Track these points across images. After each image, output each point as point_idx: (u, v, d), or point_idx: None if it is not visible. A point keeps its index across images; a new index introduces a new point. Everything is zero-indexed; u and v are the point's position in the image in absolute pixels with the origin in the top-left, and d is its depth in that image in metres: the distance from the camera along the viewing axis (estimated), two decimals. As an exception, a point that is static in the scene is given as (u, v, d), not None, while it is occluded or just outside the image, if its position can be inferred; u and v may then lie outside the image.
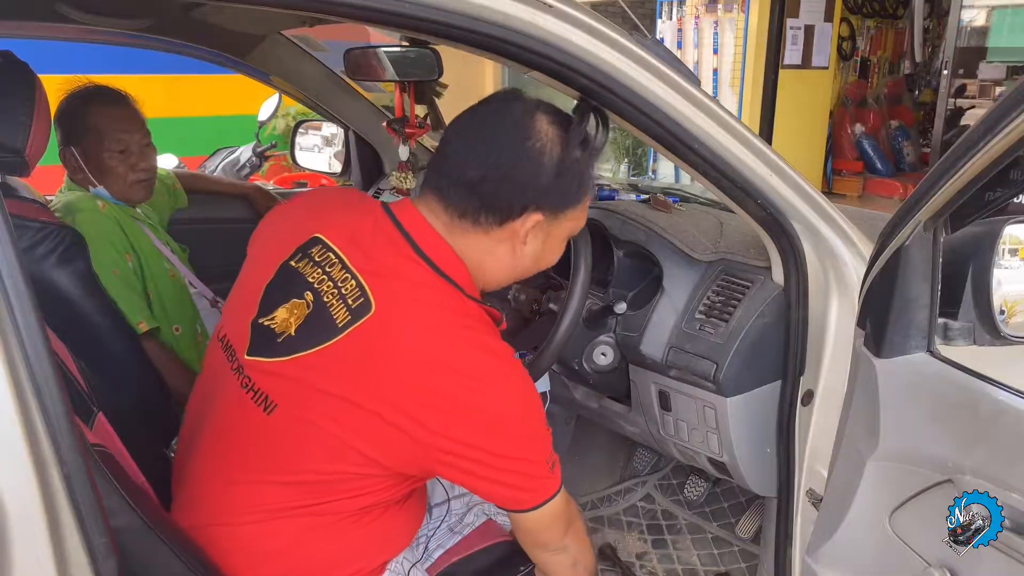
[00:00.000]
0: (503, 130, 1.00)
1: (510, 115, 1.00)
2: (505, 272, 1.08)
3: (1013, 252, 1.02)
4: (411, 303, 0.98)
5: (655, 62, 1.06)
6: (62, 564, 0.70)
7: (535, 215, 1.02)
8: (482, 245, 1.03)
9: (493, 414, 0.96)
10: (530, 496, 1.02)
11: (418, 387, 0.94)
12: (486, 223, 1.01)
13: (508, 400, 0.97)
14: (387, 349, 0.95)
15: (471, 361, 0.96)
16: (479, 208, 1.00)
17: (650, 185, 2.12)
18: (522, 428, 0.99)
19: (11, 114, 1.31)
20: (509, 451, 0.98)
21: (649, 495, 2.23)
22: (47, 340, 0.70)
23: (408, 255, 1.00)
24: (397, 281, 0.99)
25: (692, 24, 5.71)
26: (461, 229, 1.02)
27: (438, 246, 1.01)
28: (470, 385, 0.95)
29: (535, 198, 1.01)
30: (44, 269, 1.39)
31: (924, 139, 6.89)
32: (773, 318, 1.33)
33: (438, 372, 0.94)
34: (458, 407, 0.94)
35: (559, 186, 1.01)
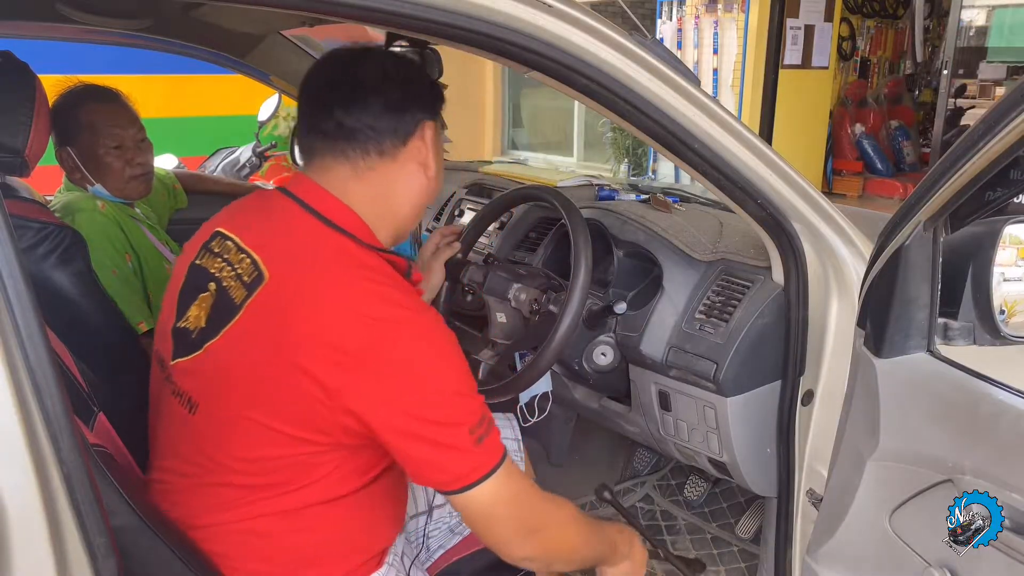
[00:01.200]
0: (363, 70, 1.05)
1: (344, 56, 1.06)
2: (421, 195, 1.09)
3: (1013, 252, 1.02)
4: (303, 263, 0.97)
5: (655, 62, 1.06)
6: (62, 564, 0.70)
7: (427, 123, 1.06)
8: (391, 177, 1.05)
9: (394, 367, 0.90)
10: (448, 472, 0.93)
11: (316, 344, 0.90)
12: (393, 148, 1.04)
13: (409, 351, 0.91)
14: (283, 312, 0.93)
15: (369, 311, 0.92)
16: (385, 138, 1.03)
17: (650, 185, 2.12)
18: (429, 384, 0.92)
19: (11, 114, 1.31)
20: (416, 411, 0.91)
21: (648, 495, 2.23)
22: (47, 340, 0.70)
23: (297, 214, 1.01)
24: (288, 245, 1.00)
25: (692, 24, 5.70)
26: (367, 170, 1.04)
27: (325, 200, 1.02)
28: (368, 336, 0.90)
29: (419, 109, 1.05)
30: (44, 269, 1.39)
31: (924, 139, 6.89)
32: (773, 318, 1.33)
33: (335, 326, 0.90)
34: (357, 362, 0.90)
35: (427, 89, 1.08)
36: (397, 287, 0.97)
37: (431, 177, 1.09)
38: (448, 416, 0.92)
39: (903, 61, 6.92)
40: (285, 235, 1.01)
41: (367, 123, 1.02)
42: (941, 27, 6.70)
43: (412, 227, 1.15)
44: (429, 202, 1.14)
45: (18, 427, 0.67)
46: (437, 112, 1.10)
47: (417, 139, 1.06)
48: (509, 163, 4.73)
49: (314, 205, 1.01)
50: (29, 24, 1.70)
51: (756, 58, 5.40)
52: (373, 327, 0.91)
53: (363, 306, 0.92)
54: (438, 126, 1.09)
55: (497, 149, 8.04)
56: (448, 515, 1.33)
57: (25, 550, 0.68)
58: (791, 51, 5.51)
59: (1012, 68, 7.00)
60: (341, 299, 0.92)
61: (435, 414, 0.91)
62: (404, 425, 0.91)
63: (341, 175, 1.04)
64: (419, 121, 1.05)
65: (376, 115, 1.02)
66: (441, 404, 0.92)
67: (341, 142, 1.03)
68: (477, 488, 0.93)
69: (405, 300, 0.95)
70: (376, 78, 1.04)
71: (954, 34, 6.04)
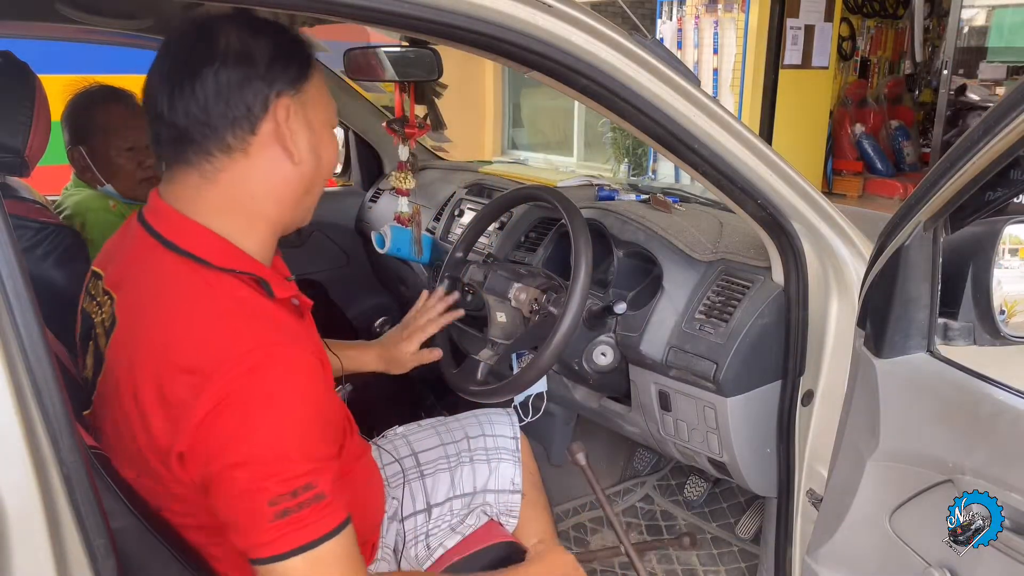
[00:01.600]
0: (186, 50, 0.89)
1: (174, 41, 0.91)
2: (294, 187, 0.95)
3: (1013, 252, 1.01)
4: (145, 303, 0.88)
5: (655, 62, 1.06)
6: (62, 564, 0.70)
7: (280, 101, 0.90)
8: (248, 174, 0.90)
9: (213, 417, 0.79)
10: (241, 538, 0.81)
11: (151, 396, 0.82)
12: (241, 141, 0.89)
13: (230, 399, 0.79)
14: (128, 359, 0.86)
15: (198, 358, 0.81)
16: (223, 131, 0.88)
17: (650, 185, 2.12)
18: (241, 438, 0.79)
19: (11, 114, 1.31)
20: (221, 464, 0.79)
21: (648, 496, 2.23)
22: (47, 340, 0.70)
23: (146, 243, 0.91)
24: (135, 282, 0.91)
25: (692, 24, 5.70)
26: (216, 172, 0.90)
27: (171, 220, 0.90)
28: (193, 386, 0.80)
29: (264, 85, 0.89)
30: (44, 269, 1.39)
31: (924, 139, 6.89)
32: (773, 318, 1.33)
33: (165, 374, 0.82)
34: (179, 410, 0.81)
35: (279, 55, 0.90)
36: (244, 316, 0.86)
37: (301, 162, 0.93)
38: (250, 477, 0.79)
39: (903, 61, 6.92)
40: (134, 270, 0.91)
41: (196, 117, 0.87)
42: (941, 27, 6.70)
43: (298, 222, 1.01)
44: (314, 190, 0.99)
45: (18, 427, 0.67)
46: (298, 79, 0.91)
47: (270, 122, 0.89)
48: (509, 163, 4.73)
49: (160, 230, 0.90)
50: (29, 24, 1.70)
51: (756, 58, 5.40)
52: (197, 371, 0.80)
53: (190, 348, 0.82)
54: (305, 96, 0.92)
55: (497, 149, 8.05)
56: (448, 514, 1.33)
57: (25, 550, 0.68)
58: (791, 51, 5.51)
59: (1012, 68, 7.00)
60: (170, 343, 0.83)
61: (238, 471, 0.79)
62: (211, 475, 0.81)
63: (189, 185, 0.91)
64: (267, 98, 0.89)
65: (204, 105, 0.87)
66: (248, 460, 0.79)
67: (179, 146, 0.89)
68: (272, 566, 0.80)
69: (243, 334, 0.83)
70: (200, 58, 0.87)
71: (954, 34, 6.04)
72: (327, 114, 0.98)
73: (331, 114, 1.00)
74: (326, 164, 0.99)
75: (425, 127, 1.97)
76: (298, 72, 0.92)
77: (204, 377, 0.80)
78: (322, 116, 0.97)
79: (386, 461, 1.37)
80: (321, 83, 0.97)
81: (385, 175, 2.54)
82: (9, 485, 0.67)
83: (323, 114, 0.97)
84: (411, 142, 1.95)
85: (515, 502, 1.39)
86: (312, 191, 0.99)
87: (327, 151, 0.98)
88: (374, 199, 2.51)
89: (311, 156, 0.95)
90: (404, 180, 1.96)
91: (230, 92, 0.87)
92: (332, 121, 1.00)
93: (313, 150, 0.95)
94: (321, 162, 0.97)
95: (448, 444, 1.41)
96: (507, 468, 1.40)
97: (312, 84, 0.94)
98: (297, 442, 0.81)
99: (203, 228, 0.90)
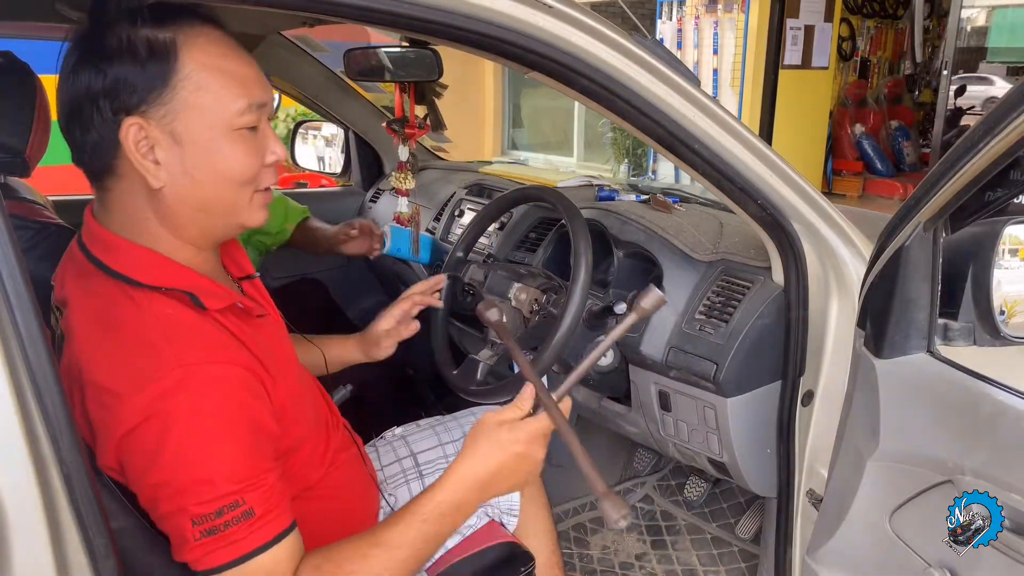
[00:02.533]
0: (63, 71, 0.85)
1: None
2: (175, 209, 0.87)
3: (1013, 252, 1.02)
4: (81, 330, 0.86)
5: (655, 63, 1.06)
6: (62, 564, 0.70)
7: (127, 122, 0.82)
8: (129, 198, 0.87)
9: (134, 438, 0.79)
10: (179, 553, 0.81)
11: (78, 412, 0.83)
12: (108, 165, 0.85)
13: (150, 420, 0.78)
14: (67, 375, 0.84)
15: (118, 373, 0.81)
16: (89, 155, 0.85)
17: (650, 185, 2.12)
18: (161, 459, 0.79)
19: (11, 114, 1.31)
20: (149, 484, 0.80)
21: (648, 496, 2.23)
22: (47, 341, 0.70)
23: (85, 269, 0.89)
24: (76, 303, 0.89)
25: (692, 24, 5.71)
26: (106, 193, 0.88)
27: (103, 239, 0.88)
28: (104, 402, 0.80)
29: (107, 104, 0.82)
30: (44, 270, 1.39)
31: (924, 139, 6.90)
32: (773, 318, 1.33)
33: (86, 392, 0.82)
34: (96, 427, 0.82)
35: (121, 72, 0.82)
36: (165, 337, 0.82)
37: (170, 187, 0.85)
38: (172, 496, 0.79)
39: (903, 61, 6.93)
40: (74, 289, 0.90)
41: (71, 141, 0.86)
42: (941, 27, 6.71)
43: (221, 237, 0.95)
44: (216, 207, 0.90)
45: (18, 427, 0.67)
46: (149, 93, 0.82)
47: (123, 146, 0.83)
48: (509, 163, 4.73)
49: (94, 251, 0.88)
50: (29, 24, 1.70)
51: (756, 58, 5.41)
52: (114, 393, 0.80)
53: (113, 371, 0.81)
54: (167, 108, 0.83)
55: (497, 149, 8.05)
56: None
57: (25, 550, 0.68)
58: (791, 51, 5.52)
59: (1012, 68, 7.01)
60: (97, 367, 0.82)
61: (159, 494, 0.80)
62: (139, 492, 0.82)
63: (102, 204, 0.90)
64: (117, 120, 0.82)
65: (67, 128, 0.85)
66: (168, 481, 0.79)
67: (80, 167, 0.88)
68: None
69: (161, 356, 0.80)
70: (65, 81, 0.84)
71: (954, 34, 6.05)
72: (216, 118, 0.86)
73: (227, 113, 0.86)
74: (220, 178, 0.88)
75: (425, 127, 1.97)
76: (150, 81, 0.82)
77: (118, 398, 0.79)
78: (204, 124, 0.85)
79: (385, 462, 1.37)
80: (206, 81, 0.85)
81: (385, 175, 2.54)
82: (9, 485, 0.67)
83: (207, 120, 0.85)
84: (411, 142, 1.94)
85: (514, 502, 1.38)
86: (210, 208, 0.89)
87: (220, 162, 0.87)
88: (374, 199, 2.51)
89: (183, 176, 0.85)
90: (404, 180, 1.96)
91: (82, 117, 0.83)
92: (229, 121, 0.86)
93: (188, 171, 0.85)
94: (205, 180, 0.87)
95: (447, 444, 1.41)
96: (507, 467, 1.39)
97: (182, 89, 0.84)
98: (220, 463, 0.80)
99: (132, 244, 0.87)
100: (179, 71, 0.84)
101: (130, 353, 0.81)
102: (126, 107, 0.82)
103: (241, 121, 0.87)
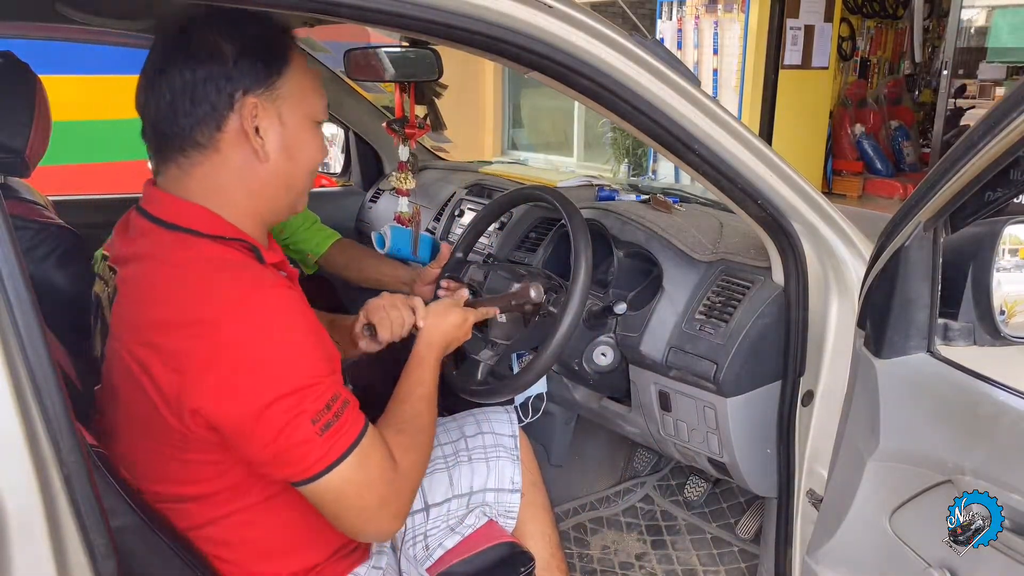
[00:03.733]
0: (161, 48, 0.93)
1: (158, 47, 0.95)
2: (267, 183, 0.97)
3: (1013, 252, 1.02)
4: (143, 274, 0.94)
5: (655, 63, 1.06)
6: (62, 564, 0.70)
7: (246, 100, 0.92)
8: (220, 170, 0.94)
9: (224, 359, 0.85)
10: (293, 466, 0.88)
11: (149, 347, 0.87)
12: (209, 138, 0.92)
13: (240, 338, 0.85)
14: (125, 325, 0.92)
15: (196, 304, 0.87)
16: (190, 128, 0.92)
17: (650, 185, 2.12)
18: (265, 374, 0.85)
19: (11, 115, 1.31)
20: (254, 402, 0.85)
21: (648, 496, 2.23)
22: (47, 341, 0.70)
23: (145, 228, 0.95)
24: (139, 256, 0.96)
25: (692, 24, 5.71)
26: (192, 167, 0.94)
27: (168, 203, 0.95)
28: (197, 331, 0.86)
29: (228, 84, 0.91)
30: (44, 270, 1.39)
31: (924, 139, 6.90)
32: (773, 318, 1.33)
33: (164, 326, 0.87)
34: (188, 358, 0.86)
35: (248, 55, 0.92)
36: (231, 271, 0.91)
37: (272, 162, 0.95)
38: (284, 410, 0.85)
39: (903, 61, 6.93)
40: (134, 247, 0.97)
41: (165, 114, 0.91)
42: (941, 27, 6.71)
43: (282, 216, 1.04)
44: (294, 185, 1.00)
45: (18, 428, 0.67)
46: (269, 77, 0.94)
47: (235, 120, 0.92)
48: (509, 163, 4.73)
49: (154, 212, 0.95)
50: (29, 24, 1.70)
51: (756, 58, 5.41)
52: (193, 322, 0.86)
53: (184, 303, 0.87)
54: (277, 93, 0.94)
55: (497, 149, 8.05)
56: (446, 514, 1.33)
57: (25, 550, 0.68)
58: (791, 51, 5.51)
59: (1012, 68, 7.00)
60: (165, 301, 0.88)
61: (269, 410, 0.85)
62: (237, 422, 0.86)
63: (172, 176, 0.96)
64: (232, 97, 0.91)
65: (171, 102, 0.91)
66: (275, 397, 0.85)
67: (156, 140, 0.94)
68: (325, 477, 0.88)
69: (232, 285, 0.88)
70: (171, 56, 0.91)
71: (954, 34, 6.04)
72: (308, 110, 0.99)
73: (315, 109, 1.00)
74: (304, 161, 1.00)
75: (425, 127, 1.97)
76: (268, 70, 0.94)
77: (214, 325, 0.85)
78: (301, 112, 0.98)
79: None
80: (303, 79, 0.98)
81: (385, 175, 2.54)
82: (9, 485, 0.67)
83: (303, 110, 0.98)
84: (411, 142, 1.95)
85: (514, 502, 1.38)
86: (292, 186, 1.00)
87: (305, 148, 0.99)
88: (374, 199, 2.51)
89: (283, 154, 0.96)
90: (404, 180, 1.96)
91: (195, 90, 0.90)
92: (316, 116, 1.00)
93: (286, 148, 0.96)
94: (295, 159, 0.98)
95: (445, 444, 1.41)
96: (506, 466, 1.39)
97: (289, 80, 0.96)
98: (314, 363, 0.89)
99: (193, 204, 0.94)
100: (289, 66, 0.96)
101: (208, 285, 0.88)
102: (246, 88, 0.92)
103: (322, 116, 1.02)
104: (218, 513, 0.98)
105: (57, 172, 1.77)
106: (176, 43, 0.92)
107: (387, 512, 0.96)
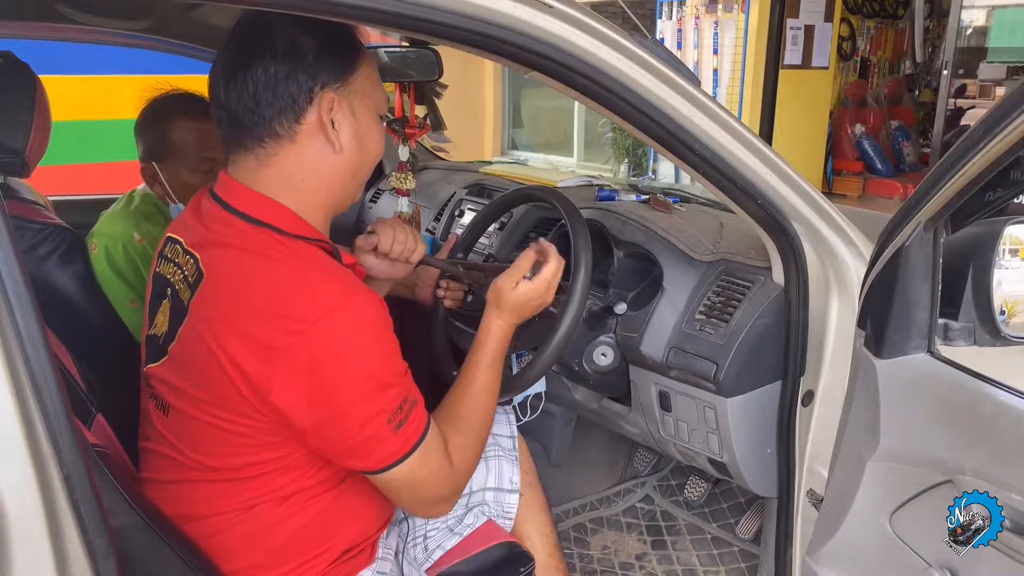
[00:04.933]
0: (243, 41, 0.98)
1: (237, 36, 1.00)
2: (339, 173, 1.03)
3: (1013, 252, 1.02)
4: (233, 262, 0.97)
5: (655, 63, 1.06)
6: (62, 564, 0.70)
7: (324, 94, 0.98)
8: (297, 160, 0.99)
9: (312, 360, 0.90)
10: (367, 460, 0.96)
11: (240, 338, 0.91)
12: (288, 129, 0.98)
13: (326, 342, 0.90)
14: (216, 309, 0.95)
15: (286, 303, 0.91)
16: (271, 119, 0.97)
17: (650, 185, 2.12)
18: (348, 376, 0.92)
19: (11, 115, 1.31)
20: (335, 403, 0.92)
21: (648, 496, 2.23)
22: (47, 341, 0.70)
23: (225, 218, 0.99)
24: (223, 244, 0.99)
25: (692, 24, 5.71)
26: (269, 157, 0.99)
27: (240, 195, 0.99)
28: (286, 328, 0.90)
29: (308, 79, 0.97)
30: (44, 270, 1.39)
31: (924, 139, 6.89)
32: (773, 318, 1.33)
33: (257, 319, 0.91)
34: (277, 355, 0.90)
35: (325, 51, 0.98)
36: (323, 272, 0.96)
37: (345, 153, 1.02)
38: (367, 409, 0.93)
39: (903, 61, 6.93)
40: (214, 233, 1.00)
41: (247, 105, 0.96)
42: (941, 27, 6.71)
43: (348, 204, 1.10)
44: (360, 175, 1.08)
45: (18, 428, 0.67)
46: (344, 72, 1.00)
47: (314, 113, 0.98)
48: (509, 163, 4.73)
49: (233, 204, 0.99)
50: (29, 24, 1.70)
51: (756, 58, 5.41)
52: (291, 319, 0.90)
53: (281, 299, 0.92)
54: (351, 88, 1.01)
55: (497, 149, 8.05)
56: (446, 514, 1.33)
57: (25, 550, 0.68)
58: (791, 51, 5.52)
59: (1012, 68, 7.00)
60: (261, 293, 0.93)
61: (354, 408, 0.93)
62: (322, 417, 0.93)
63: (248, 167, 1.00)
64: (311, 91, 0.98)
65: (254, 94, 0.96)
66: (361, 397, 0.93)
67: (234, 130, 0.99)
68: (394, 469, 0.97)
69: (327, 287, 0.93)
70: (254, 50, 0.96)
71: (954, 34, 6.04)
72: (374, 104, 1.06)
73: (379, 103, 1.07)
74: (371, 151, 1.07)
75: (425, 127, 1.97)
76: (343, 66, 1.00)
77: (310, 323, 0.89)
78: (369, 106, 1.04)
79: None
80: (370, 74, 1.05)
81: (385, 175, 2.54)
82: (9, 485, 0.67)
83: (370, 104, 1.05)
84: (411, 142, 1.95)
85: (512, 503, 1.38)
86: (358, 176, 1.07)
87: (372, 139, 1.06)
88: (374, 199, 2.51)
89: (355, 145, 1.03)
90: (404, 180, 1.96)
91: (277, 84, 0.96)
92: (380, 110, 1.07)
93: (358, 139, 1.03)
94: (366, 150, 1.05)
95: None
96: (504, 466, 1.39)
97: (360, 76, 1.02)
98: (389, 369, 0.96)
99: (272, 201, 0.99)
100: (361, 63, 1.03)
101: (309, 284, 0.93)
102: (324, 83, 0.98)
103: (384, 109, 1.08)
104: (260, 497, 1.01)
105: (58, 172, 1.76)
106: (257, 38, 0.97)
107: (438, 501, 1.06)
